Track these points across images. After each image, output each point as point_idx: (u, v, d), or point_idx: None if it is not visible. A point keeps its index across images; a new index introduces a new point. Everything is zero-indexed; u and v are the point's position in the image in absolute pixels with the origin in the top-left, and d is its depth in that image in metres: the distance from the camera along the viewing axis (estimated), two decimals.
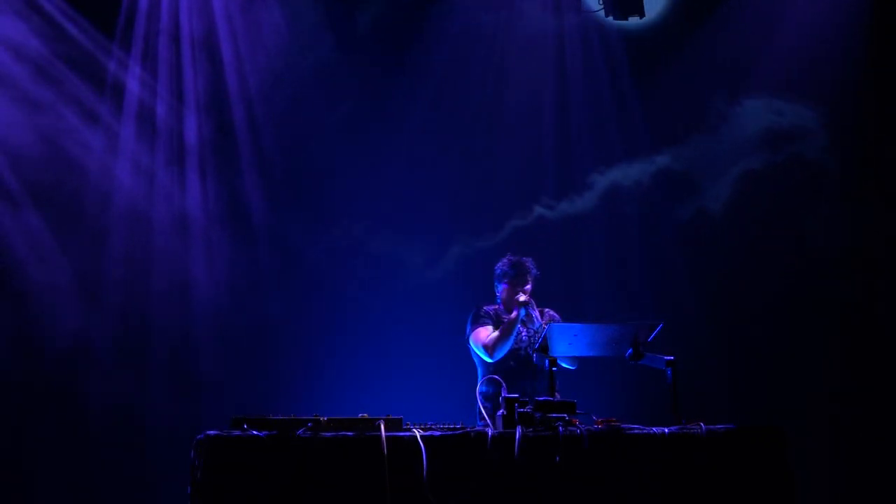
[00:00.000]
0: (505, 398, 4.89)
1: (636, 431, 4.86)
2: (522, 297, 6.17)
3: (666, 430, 4.86)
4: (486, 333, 6.24)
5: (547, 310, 6.44)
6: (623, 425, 4.95)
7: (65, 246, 7.88)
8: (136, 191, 8.12)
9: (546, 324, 6.15)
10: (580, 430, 4.72)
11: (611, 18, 8.57)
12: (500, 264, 6.48)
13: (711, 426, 4.89)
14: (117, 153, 8.12)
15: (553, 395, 5.20)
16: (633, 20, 8.55)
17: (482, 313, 6.36)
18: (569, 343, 5.50)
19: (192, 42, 8.30)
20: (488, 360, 6.20)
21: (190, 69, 8.30)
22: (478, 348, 6.26)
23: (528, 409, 4.85)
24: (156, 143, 8.25)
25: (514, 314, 6.16)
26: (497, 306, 6.45)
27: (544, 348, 5.37)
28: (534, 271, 6.38)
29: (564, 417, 4.80)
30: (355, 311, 8.26)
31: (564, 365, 6.07)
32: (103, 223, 8.02)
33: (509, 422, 4.80)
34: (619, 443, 4.79)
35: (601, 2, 8.57)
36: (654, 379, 5.54)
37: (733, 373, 8.36)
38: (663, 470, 4.78)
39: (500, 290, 6.44)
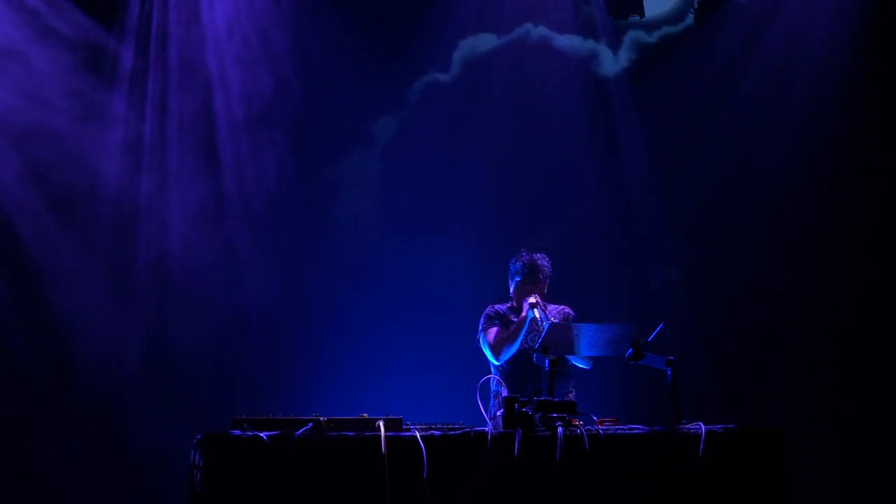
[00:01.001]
0: (505, 398, 4.89)
1: (636, 431, 4.86)
2: (531, 298, 6.06)
3: (666, 430, 4.86)
4: (495, 334, 6.20)
5: (563, 307, 6.37)
6: (623, 425, 4.95)
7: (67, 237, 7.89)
8: (131, 186, 8.12)
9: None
10: (580, 430, 4.72)
11: None
12: (514, 260, 6.37)
13: (711, 426, 4.89)
14: (112, 146, 8.12)
15: (553, 395, 5.19)
16: None
17: (493, 313, 6.31)
18: (569, 343, 5.49)
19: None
20: (496, 362, 6.19)
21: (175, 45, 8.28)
22: (486, 349, 6.24)
23: (528, 409, 4.84)
24: (153, 137, 8.24)
25: (521, 316, 6.09)
26: (510, 304, 6.39)
27: (545, 348, 5.36)
28: (547, 270, 6.31)
29: (564, 417, 4.80)
30: (355, 311, 8.25)
31: (579, 364, 6.05)
32: (99, 214, 8.02)
33: (509, 422, 4.80)
34: (620, 443, 4.79)
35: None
36: (654, 379, 5.54)
37: (733, 372, 8.36)
38: (663, 470, 4.78)
39: (512, 287, 6.36)
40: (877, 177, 8.52)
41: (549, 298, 6.27)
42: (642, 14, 8.59)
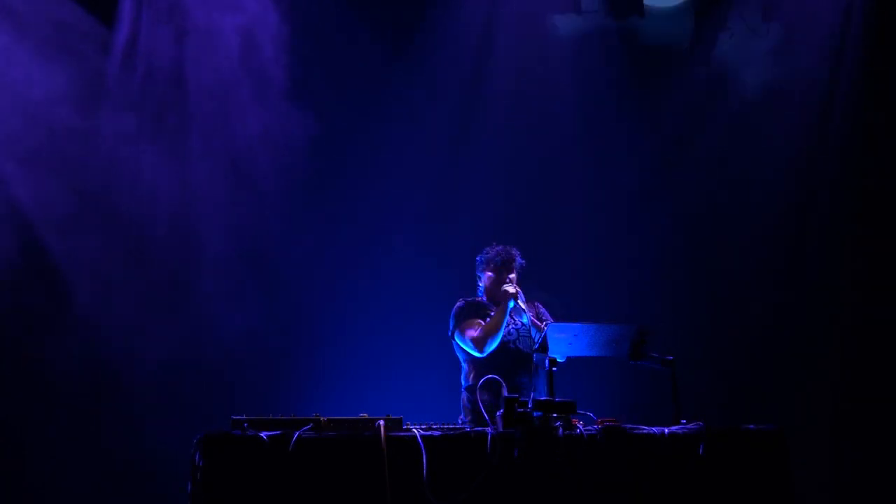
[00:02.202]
0: (505, 398, 4.88)
1: (636, 431, 4.86)
2: (510, 288, 5.98)
3: (666, 430, 4.87)
4: (473, 327, 6.05)
5: (535, 302, 6.30)
6: (623, 425, 4.95)
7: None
8: (131, 183, 8.10)
9: (535, 316, 6.06)
10: (580, 430, 4.72)
11: None
12: (483, 252, 6.28)
13: (711, 426, 4.89)
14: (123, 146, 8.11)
15: (553, 395, 5.19)
16: None
17: (466, 306, 6.17)
18: (569, 343, 5.49)
19: None
20: (478, 355, 6.01)
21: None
22: (465, 344, 6.06)
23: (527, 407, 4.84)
24: (152, 128, 8.21)
25: (502, 306, 5.98)
26: (480, 298, 6.28)
27: (544, 348, 5.36)
28: (519, 260, 6.22)
29: (565, 417, 4.81)
30: (355, 311, 8.24)
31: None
32: (103, 213, 8.00)
33: (509, 421, 4.80)
34: (620, 443, 4.80)
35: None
36: (654, 379, 5.54)
37: (733, 372, 8.36)
38: (663, 470, 4.79)
39: (485, 278, 6.24)
40: (877, 177, 8.51)
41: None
42: (642, 13, 8.60)
